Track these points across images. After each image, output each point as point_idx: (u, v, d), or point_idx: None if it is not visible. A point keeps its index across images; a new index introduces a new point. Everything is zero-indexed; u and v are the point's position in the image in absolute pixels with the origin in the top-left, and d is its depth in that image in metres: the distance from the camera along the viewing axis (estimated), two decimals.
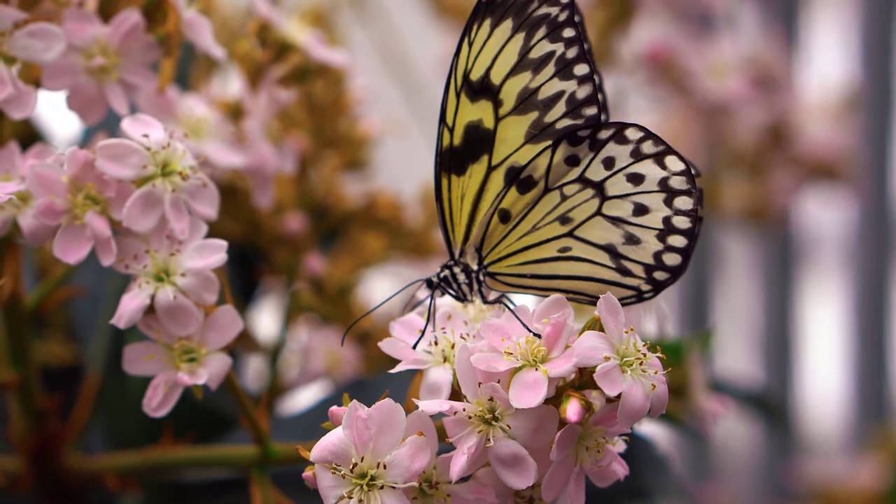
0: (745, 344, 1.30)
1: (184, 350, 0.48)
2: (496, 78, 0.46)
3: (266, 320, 0.73)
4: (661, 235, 0.46)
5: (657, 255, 0.46)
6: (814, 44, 1.27)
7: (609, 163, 0.46)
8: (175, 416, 0.49)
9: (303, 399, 0.70)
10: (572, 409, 0.43)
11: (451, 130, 0.47)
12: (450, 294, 0.48)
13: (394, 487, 0.44)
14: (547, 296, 0.46)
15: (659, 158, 0.46)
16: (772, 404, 0.82)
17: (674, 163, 0.46)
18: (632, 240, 0.46)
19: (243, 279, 0.70)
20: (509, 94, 0.46)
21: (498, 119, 0.46)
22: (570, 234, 0.47)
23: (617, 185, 0.46)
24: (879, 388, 1.27)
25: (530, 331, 0.45)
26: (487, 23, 0.46)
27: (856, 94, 1.05)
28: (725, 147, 1.00)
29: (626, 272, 0.47)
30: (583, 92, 0.46)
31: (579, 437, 0.44)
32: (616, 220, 0.46)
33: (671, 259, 0.46)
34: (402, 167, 0.78)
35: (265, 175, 0.57)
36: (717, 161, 1.00)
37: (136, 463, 0.56)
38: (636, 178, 0.46)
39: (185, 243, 0.48)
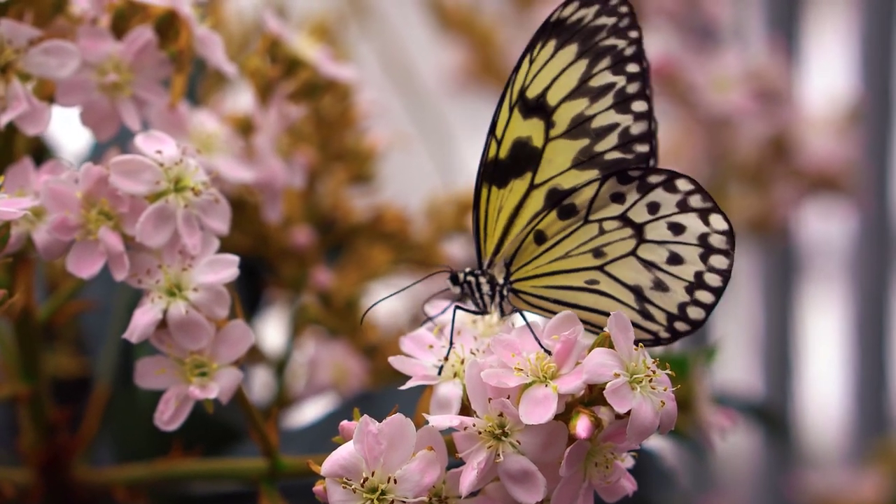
0: (745, 355, 1.30)
1: (195, 364, 0.49)
2: (552, 99, 0.46)
3: (272, 332, 0.73)
4: (690, 288, 0.46)
5: (682, 307, 0.47)
6: (815, 57, 1.28)
7: (654, 207, 0.46)
8: (184, 429, 0.49)
9: (309, 412, 0.70)
10: (582, 426, 0.44)
11: (500, 143, 0.47)
12: (469, 300, 0.48)
13: (404, 502, 0.44)
14: None
15: (704, 214, 0.46)
16: (772, 416, 0.83)
17: (717, 221, 0.46)
18: (660, 286, 0.47)
19: (250, 291, 0.71)
20: (563, 117, 0.46)
21: (548, 139, 0.46)
22: (600, 269, 0.47)
23: (657, 231, 0.46)
24: (880, 400, 1.28)
25: (542, 346, 0.45)
26: (552, 43, 0.46)
27: (857, 107, 1.05)
28: (728, 159, 1.00)
29: (649, 316, 0.47)
30: (637, 128, 0.46)
31: (588, 453, 0.45)
32: (649, 264, 0.47)
33: (695, 313, 0.47)
34: (408, 181, 0.79)
35: (275, 190, 0.58)
36: (719, 173, 1.00)
37: (145, 476, 0.56)
38: (677, 228, 0.46)
39: (198, 258, 0.49)
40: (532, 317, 0.48)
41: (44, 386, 0.56)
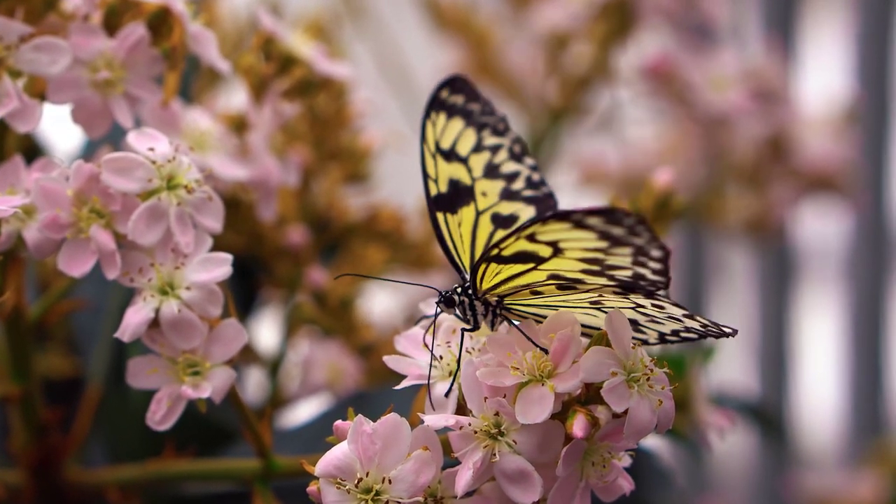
0: (741, 356, 1.30)
1: (188, 363, 0.48)
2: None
3: (267, 332, 0.73)
4: (681, 321, 0.47)
5: (675, 332, 0.47)
6: (812, 57, 1.27)
7: (659, 306, 0.46)
8: (177, 429, 0.49)
9: (302, 412, 0.70)
10: (578, 425, 0.43)
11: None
12: (459, 317, 0.48)
13: (399, 503, 0.44)
14: None
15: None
16: (769, 416, 0.82)
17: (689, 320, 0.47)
18: (654, 321, 0.47)
19: (244, 291, 0.70)
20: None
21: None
22: (595, 307, 0.47)
23: (657, 310, 0.47)
24: (876, 402, 1.27)
25: (538, 346, 0.45)
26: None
27: (854, 107, 1.05)
28: (725, 159, 1.00)
29: (642, 337, 0.47)
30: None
31: (585, 453, 0.44)
32: (645, 315, 0.47)
33: (687, 335, 0.47)
34: (403, 180, 0.78)
35: (269, 188, 0.57)
36: (716, 173, 1.00)
37: (137, 476, 0.56)
38: (663, 307, 0.46)
39: (190, 256, 0.48)
40: None
41: (35, 386, 0.55)
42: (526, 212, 0.51)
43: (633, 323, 0.46)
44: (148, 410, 0.48)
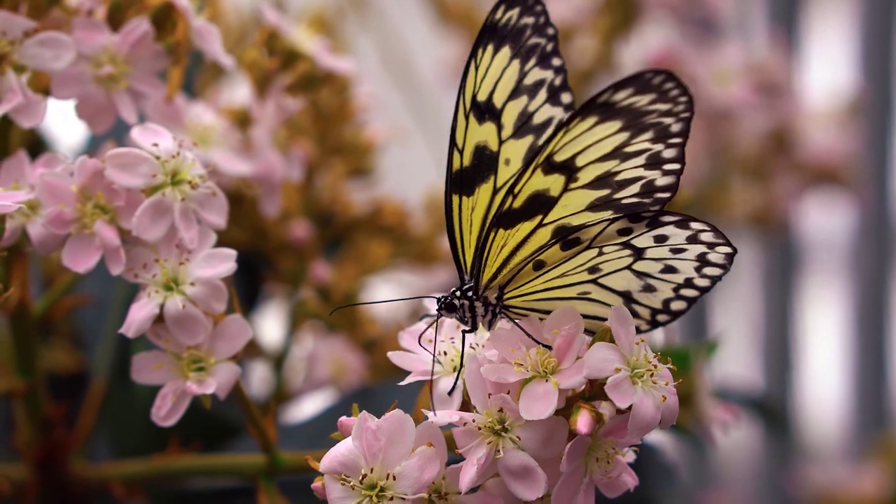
0: (745, 350, 1.30)
1: (192, 359, 0.48)
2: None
3: (271, 327, 0.73)
4: (678, 288, 0.47)
5: (666, 302, 0.47)
6: (816, 50, 1.27)
7: (661, 238, 0.46)
8: (181, 425, 0.49)
9: (307, 407, 0.70)
10: (583, 421, 0.43)
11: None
12: (459, 320, 0.47)
13: (403, 499, 0.44)
14: None
15: (711, 245, 0.46)
16: (772, 410, 0.82)
17: (723, 248, 0.46)
18: (649, 289, 0.47)
19: (248, 286, 0.70)
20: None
21: (565, 189, 0.46)
22: (593, 282, 0.47)
23: (658, 252, 0.46)
24: (880, 395, 1.27)
25: (540, 343, 0.45)
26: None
27: (857, 101, 1.05)
28: (728, 153, 1.00)
29: (634, 314, 0.47)
30: (665, 180, 0.46)
31: (589, 448, 0.44)
32: (642, 274, 0.47)
33: (678, 305, 0.47)
34: (406, 174, 0.78)
35: (273, 183, 0.57)
36: (720, 167, 1.00)
37: (142, 471, 0.56)
38: (679, 251, 0.46)
39: (195, 252, 0.48)
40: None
41: (40, 381, 0.55)
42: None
43: (628, 298, 0.46)
44: (153, 406, 0.48)
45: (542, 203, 0.46)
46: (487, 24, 0.48)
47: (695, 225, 0.46)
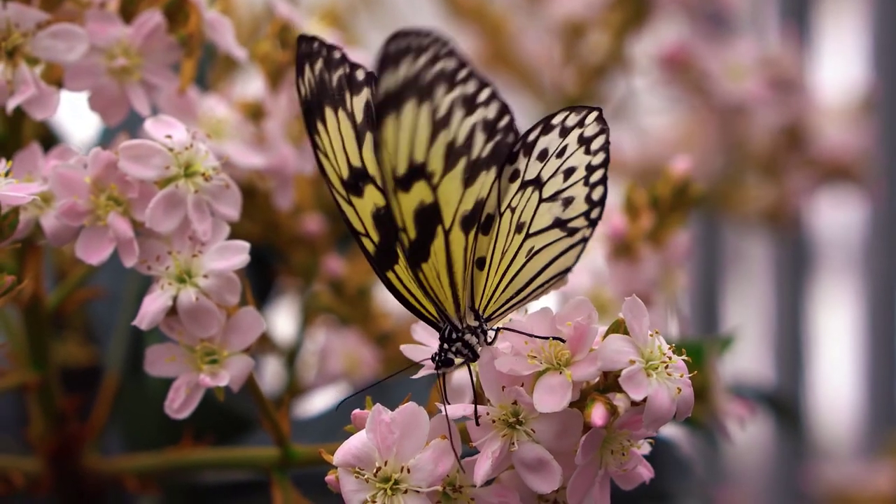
0: (757, 346, 1.30)
1: (206, 352, 0.48)
2: (419, 156, 0.44)
3: (283, 322, 0.73)
4: (586, 179, 0.46)
5: (588, 198, 0.46)
6: (828, 46, 1.27)
7: (543, 154, 0.46)
8: (194, 418, 0.49)
9: (319, 401, 0.70)
10: (597, 413, 0.43)
11: (405, 230, 0.45)
12: (463, 357, 0.46)
13: (417, 492, 0.44)
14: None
15: (581, 122, 0.46)
16: (785, 405, 0.82)
17: (589, 116, 0.46)
18: (568, 202, 0.46)
19: (260, 280, 0.70)
20: (436, 160, 0.44)
21: (434, 187, 0.45)
22: (527, 236, 0.46)
23: (550, 167, 0.46)
24: (893, 392, 1.27)
25: (539, 337, 0.44)
26: (390, 118, 0.43)
27: (870, 97, 1.04)
28: (741, 149, 1.00)
29: (574, 231, 0.46)
30: (492, 111, 0.45)
31: (604, 441, 0.44)
32: (554, 196, 0.46)
33: (597, 193, 0.46)
34: None
35: (286, 176, 0.57)
36: (732, 163, 1.00)
37: (155, 465, 0.56)
38: (563, 150, 0.46)
39: (208, 244, 0.48)
40: (546, 301, 0.47)
41: (53, 374, 0.55)
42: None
43: (561, 225, 0.46)
44: (166, 398, 0.48)
45: (428, 215, 0.45)
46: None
47: (555, 120, 0.46)
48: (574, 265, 0.47)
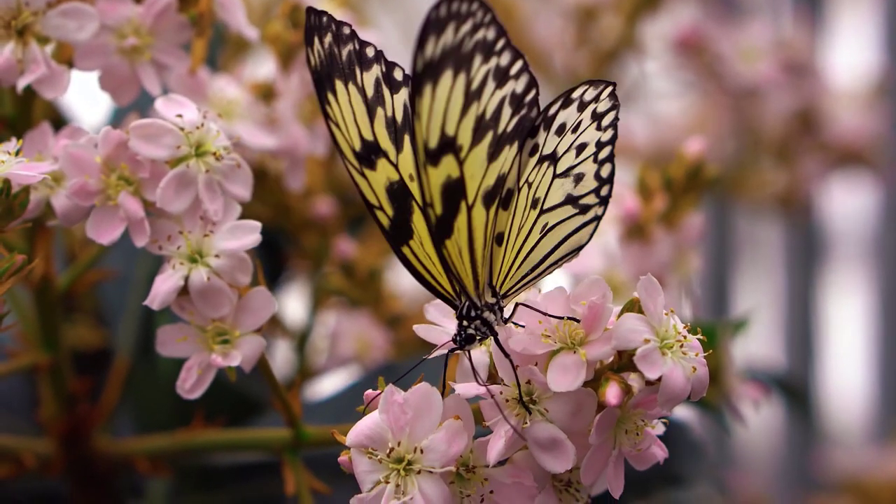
0: (767, 331, 1.29)
1: (217, 332, 0.48)
2: (450, 129, 0.44)
3: (294, 305, 0.73)
4: (595, 156, 0.46)
5: (597, 175, 0.46)
6: (841, 30, 1.26)
7: (561, 129, 0.46)
8: (205, 400, 0.49)
9: (330, 384, 0.70)
10: (612, 393, 0.43)
11: (432, 205, 0.44)
12: (481, 334, 0.46)
13: (431, 472, 0.43)
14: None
15: (597, 97, 0.46)
16: (796, 389, 0.82)
17: (605, 91, 0.46)
18: (579, 178, 0.46)
19: (271, 263, 0.70)
20: (465, 133, 0.44)
21: (461, 162, 0.44)
22: (541, 212, 0.46)
23: (565, 142, 0.46)
24: None
25: (551, 316, 0.44)
26: (427, 88, 0.43)
27: (883, 81, 1.04)
28: (753, 134, 0.99)
29: (586, 208, 0.46)
30: (521, 84, 0.45)
31: (618, 420, 0.44)
32: (567, 172, 0.46)
33: (605, 170, 0.46)
34: None
35: (297, 157, 0.57)
36: (745, 148, 0.99)
37: (166, 446, 0.55)
38: (578, 126, 0.46)
39: (219, 224, 0.48)
40: (559, 280, 0.47)
41: (64, 356, 0.55)
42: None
43: (573, 202, 0.46)
44: (178, 379, 0.48)
45: (454, 190, 0.44)
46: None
47: (575, 94, 0.46)
48: (587, 243, 0.46)
